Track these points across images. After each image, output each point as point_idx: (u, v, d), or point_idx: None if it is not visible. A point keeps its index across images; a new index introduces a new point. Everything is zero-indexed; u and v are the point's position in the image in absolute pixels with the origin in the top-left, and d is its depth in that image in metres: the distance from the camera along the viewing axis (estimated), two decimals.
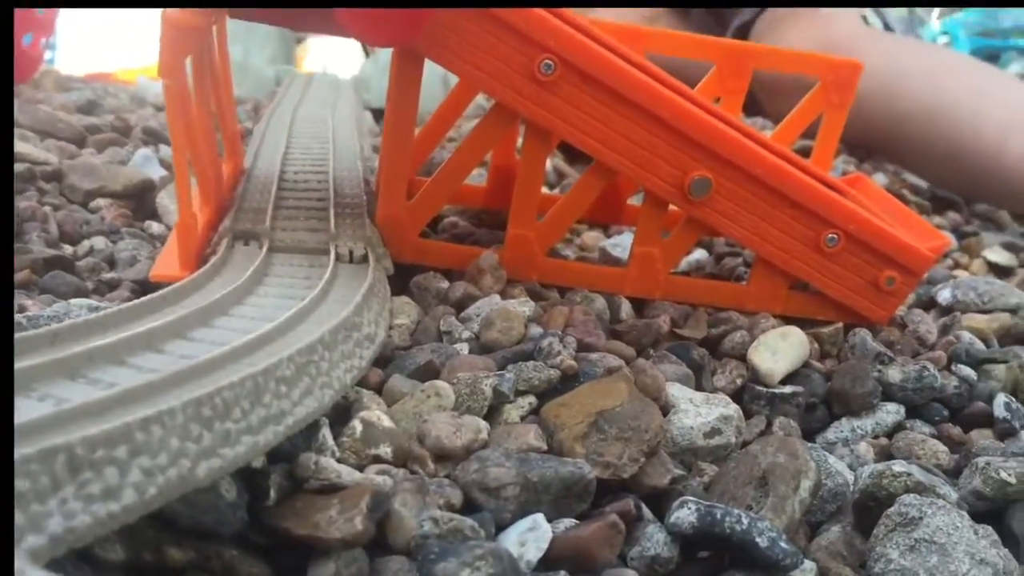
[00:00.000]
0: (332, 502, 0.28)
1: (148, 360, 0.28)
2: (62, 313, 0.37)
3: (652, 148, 0.44)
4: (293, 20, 0.48)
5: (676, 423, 0.37)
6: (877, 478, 0.35)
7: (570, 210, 0.47)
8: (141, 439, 0.22)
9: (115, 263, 0.48)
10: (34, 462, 0.19)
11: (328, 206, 0.48)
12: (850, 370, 0.44)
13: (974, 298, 0.55)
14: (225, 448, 0.24)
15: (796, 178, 0.45)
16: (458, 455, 0.32)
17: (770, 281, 0.48)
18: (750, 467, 0.34)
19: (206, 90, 0.46)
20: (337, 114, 0.78)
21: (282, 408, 0.27)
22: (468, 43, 0.42)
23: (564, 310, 0.43)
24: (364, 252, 0.43)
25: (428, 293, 0.45)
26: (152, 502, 0.22)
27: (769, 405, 0.42)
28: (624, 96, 0.43)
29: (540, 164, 0.46)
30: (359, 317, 0.36)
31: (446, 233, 0.58)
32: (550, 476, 0.31)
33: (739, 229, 0.46)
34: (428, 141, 0.56)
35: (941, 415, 0.44)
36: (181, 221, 0.42)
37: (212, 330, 0.32)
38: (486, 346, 0.41)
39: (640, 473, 0.34)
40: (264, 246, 0.42)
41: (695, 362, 0.43)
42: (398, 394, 0.36)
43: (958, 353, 0.47)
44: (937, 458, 0.40)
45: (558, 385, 0.38)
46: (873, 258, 0.47)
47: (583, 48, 0.42)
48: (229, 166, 0.54)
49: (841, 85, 0.58)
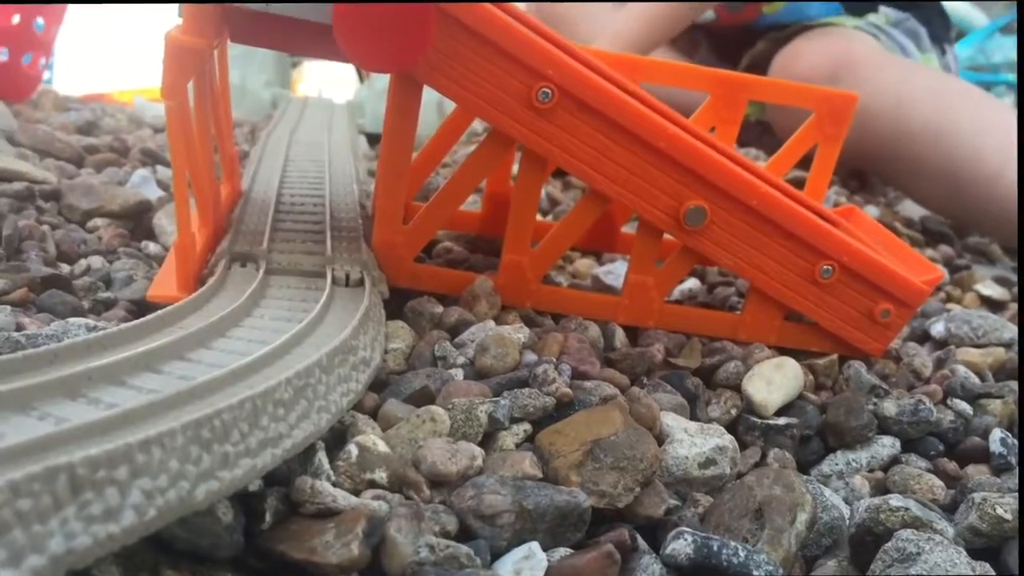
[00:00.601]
0: (328, 526, 0.28)
1: (147, 381, 0.28)
2: (60, 332, 0.37)
3: (647, 177, 0.45)
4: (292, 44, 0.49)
5: (671, 453, 0.38)
6: (874, 512, 0.35)
7: (565, 237, 0.48)
8: (142, 460, 0.22)
9: (112, 283, 0.48)
10: (37, 481, 0.19)
11: (325, 229, 0.48)
12: (845, 402, 0.44)
13: (968, 332, 0.55)
14: (224, 471, 0.24)
15: (790, 209, 0.46)
16: (453, 481, 0.32)
17: (764, 311, 0.49)
18: (746, 499, 0.34)
19: (206, 112, 0.46)
20: (333, 138, 0.78)
21: (280, 431, 0.27)
22: (466, 70, 0.42)
23: (559, 337, 0.44)
24: (360, 276, 0.43)
25: (423, 318, 0.45)
26: (152, 524, 0.22)
27: (764, 436, 0.42)
28: (620, 125, 0.43)
29: (535, 191, 0.46)
30: (355, 340, 0.36)
31: (441, 258, 0.58)
32: (545, 504, 0.31)
33: (734, 259, 0.47)
34: (424, 167, 0.57)
35: (937, 449, 0.44)
36: (180, 241, 0.42)
37: (210, 351, 0.32)
38: (481, 372, 0.41)
39: (635, 503, 0.34)
40: (261, 268, 0.43)
41: (689, 392, 0.43)
42: (393, 419, 0.36)
43: (953, 387, 0.48)
44: (933, 493, 0.40)
45: (553, 413, 0.38)
46: (868, 290, 0.48)
47: (580, 77, 0.42)
48: (227, 188, 0.54)
49: (836, 117, 0.58)
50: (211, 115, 0.49)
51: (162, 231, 0.56)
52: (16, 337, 0.36)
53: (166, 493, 0.22)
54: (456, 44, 0.41)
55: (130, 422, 0.24)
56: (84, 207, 0.57)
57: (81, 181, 0.60)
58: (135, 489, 0.21)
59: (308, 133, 0.79)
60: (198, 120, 0.43)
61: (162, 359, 0.30)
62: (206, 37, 0.39)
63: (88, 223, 0.56)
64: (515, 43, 0.41)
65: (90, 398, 0.26)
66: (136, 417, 0.24)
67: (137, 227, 0.58)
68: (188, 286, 0.42)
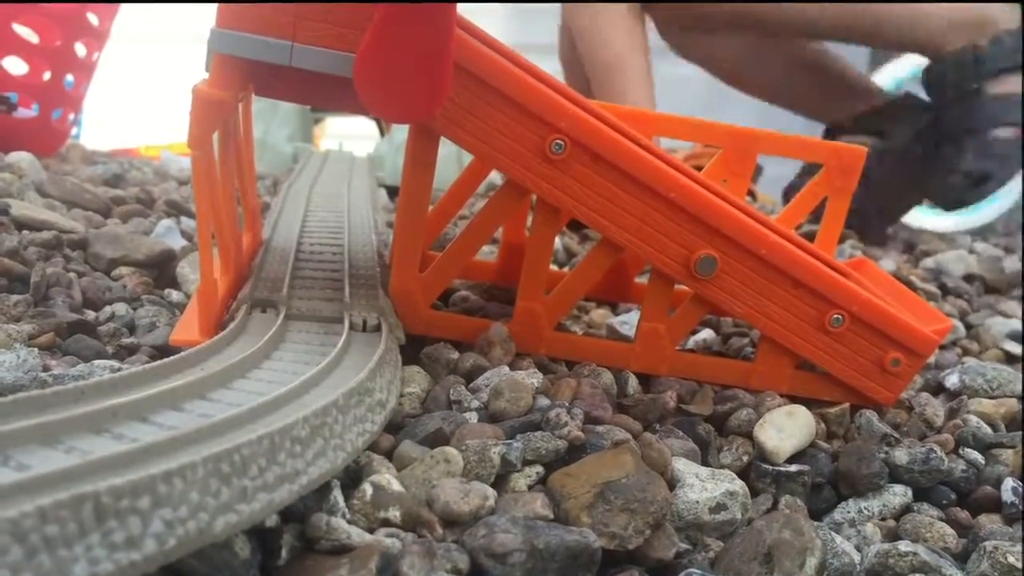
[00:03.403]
0: (342, 562, 0.28)
1: (169, 418, 0.29)
2: (86, 373, 0.38)
3: (659, 226, 0.46)
4: (315, 98, 0.50)
5: (682, 497, 0.38)
6: (883, 557, 0.35)
7: (578, 285, 0.49)
8: (163, 491, 0.22)
9: (135, 329, 0.49)
10: (64, 508, 0.20)
11: (343, 277, 0.49)
12: (856, 450, 0.44)
13: (982, 383, 0.55)
14: (242, 504, 0.25)
15: (799, 258, 0.47)
16: (466, 520, 0.33)
17: (776, 360, 0.49)
18: (755, 543, 0.35)
19: (230, 163, 0.48)
20: (352, 190, 0.80)
21: (296, 468, 0.28)
22: (481, 122, 0.43)
23: (572, 382, 0.44)
24: (377, 322, 0.44)
25: (438, 363, 0.46)
26: (171, 553, 0.22)
27: (775, 483, 0.43)
28: (632, 175, 0.44)
29: (549, 239, 0.47)
30: (372, 383, 0.37)
31: (457, 306, 0.59)
32: (556, 544, 0.31)
33: (744, 307, 0.47)
34: (441, 217, 0.58)
35: (949, 498, 0.44)
36: (202, 287, 0.43)
37: (230, 391, 0.33)
38: (494, 415, 0.41)
39: (645, 545, 0.34)
40: (281, 314, 0.44)
41: (701, 438, 0.44)
42: (408, 459, 0.36)
43: (965, 437, 0.48)
44: (945, 541, 0.40)
45: (565, 456, 0.39)
46: (878, 339, 0.48)
47: (593, 129, 0.44)
48: (248, 237, 0.56)
49: (845, 170, 0.59)
50: (235, 166, 0.50)
51: (185, 279, 0.58)
52: (43, 377, 0.37)
53: (186, 523, 0.23)
54: (472, 97, 0.43)
55: (153, 455, 0.25)
56: (110, 256, 0.58)
57: (107, 231, 0.62)
58: (157, 519, 0.22)
59: (328, 185, 0.81)
60: (222, 171, 0.44)
61: (184, 398, 0.31)
62: (231, 90, 0.41)
63: (113, 271, 0.58)
64: (529, 96, 0.43)
65: (114, 433, 0.27)
66: (158, 451, 0.25)
67: (161, 275, 0.59)
68: (210, 331, 0.43)
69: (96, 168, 0.89)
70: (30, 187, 0.70)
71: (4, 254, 0.53)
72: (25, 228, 0.60)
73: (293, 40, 0.40)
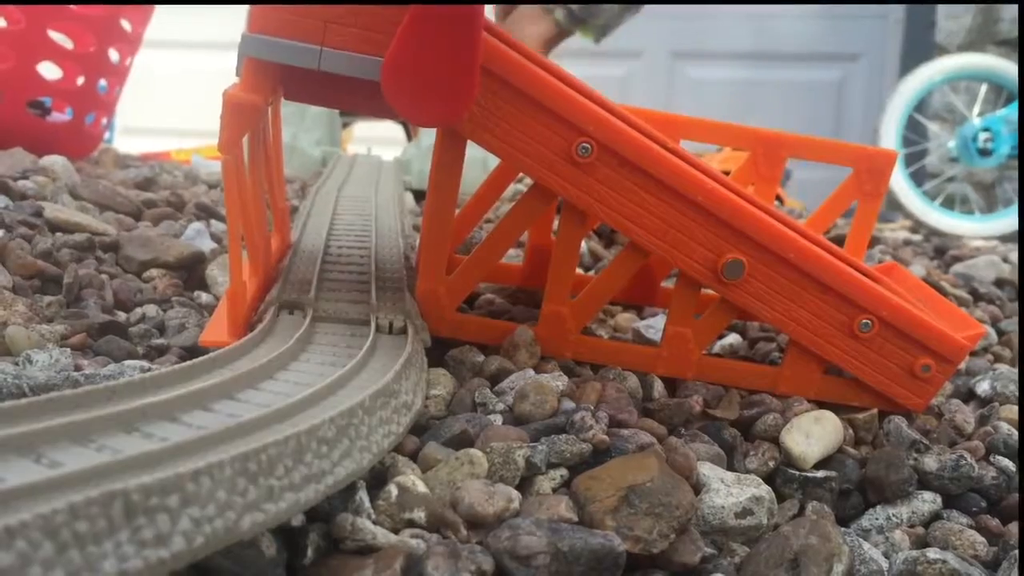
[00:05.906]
0: (367, 563, 0.28)
1: (197, 418, 0.29)
2: (117, 373, 0.39)
3: (686, 230, 0.45)
4: (343, 102, 0.51)
5: (707, 502, 0.38)
6: (912, 564, 0.34)
7: (604, 289, 0.48)
8: (192, 489, 0.23)
9: (165, 330, 0.50)
10: (95, 505, 0.20)
11: (370, 280, 0.50)
12: (885, 457, 0.44)
13: (1014, 390, 0.55)
14: (268, 503, 0.25)
15: (828, 262, 0.46)
16: (490, 522, 0.33)
17: (804, 365, 0.49)
18: (782, 548, 0.34)
19: (259, 167, 0.48)
20: (380, 193, 0.80)
21: (323, 468, 0.28)
22: (509, 125, 0.43)
23: (597, 386, 0.44)
24: (403, 324, 0.45)
25: (464, 366, 0.46)
26: (199, 551, 0.22)
27: (802, 489, 0.42)
28: (658, 179, 0.44)
29: (576, 243, 0.47)
30: (397, 385, 0.37)
31: (482, 309, 0.59)
32: (580, 547, 0.31)
33: (772, 312, 0.47)
34: (467, 221, 0.58)
35: (979, 506, 0.44)
36: (232, 289, 0.43)
37: (258, 392, 0.33)
38: (519, 418, 0.41)
39: (670, 549, 0.34)
40: (308, 315, 0.44)
41: (727, 443, 0.44)
42: (433, 461, 0.36)
43: (996, 444, 0.47)
44: (975, 549, 0.40)
45: (590, 459, 0.39)
46: (908, 345, 0.48)
47: (619, 132, 0.44)
48: (277, 240, 0.56)
49: (874, 173, 0.59)
50: (264, 169, 0.51)
51: (214, 282, 0.58)
52: (75, 376, 0.38)
53: (214, 522, 0.23)
54: (499, 101, 0.43)
55: (182, 454, 0.25)
56: (141, 258, 0.59)
57: (138, 233, 0.63)
58: (185, 517, 0.22)
59: (356, 188, 0.82)
60: (252, 173, 0.45)
61: (213, 398, 0.31)
62: (262, 94, 0.41)
63: (144, 273, 0.59)
64: (556, 100, 0.43)
65: (144, 432, 0.27)
66: (187, 450, 0.25)
67: (190, 278, 0.60)
68: (238, 332, 0.43)
69: (128, 172, 0.90)
70: (63, 190, 0.71)
71: (38, 256, 0.54)
72: (58, 230, 0.61)
73: (322, 44, 0.40)
